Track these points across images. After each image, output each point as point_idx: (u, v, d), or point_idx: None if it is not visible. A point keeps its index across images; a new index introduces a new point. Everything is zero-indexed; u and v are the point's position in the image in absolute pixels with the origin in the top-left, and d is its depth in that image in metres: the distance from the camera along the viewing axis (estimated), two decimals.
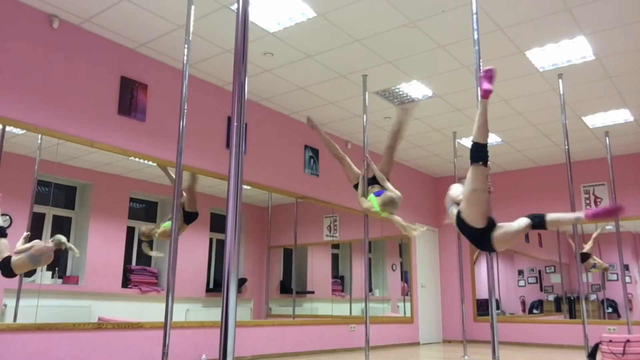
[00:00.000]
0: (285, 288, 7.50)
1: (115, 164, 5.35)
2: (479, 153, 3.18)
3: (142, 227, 5.67)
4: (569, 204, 5.71)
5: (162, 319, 3.62)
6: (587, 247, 8.62)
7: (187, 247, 5.84)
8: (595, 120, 7.08)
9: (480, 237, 3.21)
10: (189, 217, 5.66)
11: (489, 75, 3.21)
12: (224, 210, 1.87)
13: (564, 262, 9.45)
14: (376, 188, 5.09)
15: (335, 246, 8.52)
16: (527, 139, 7.88)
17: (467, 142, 8.10)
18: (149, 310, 5.43)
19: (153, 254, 5.79)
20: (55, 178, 4.99)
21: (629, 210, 8.07)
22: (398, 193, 4.90)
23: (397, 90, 6.30)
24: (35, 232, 4.65)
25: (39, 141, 4.66)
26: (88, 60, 4.98)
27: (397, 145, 5.15)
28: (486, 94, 3.19)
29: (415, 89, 6.27)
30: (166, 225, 5.46)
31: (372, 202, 5.00)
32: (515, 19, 4.77)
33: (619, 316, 8.46)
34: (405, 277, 9.30)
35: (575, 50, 5.29)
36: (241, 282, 6.82)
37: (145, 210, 6.02)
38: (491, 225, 3.18)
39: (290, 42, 5.20)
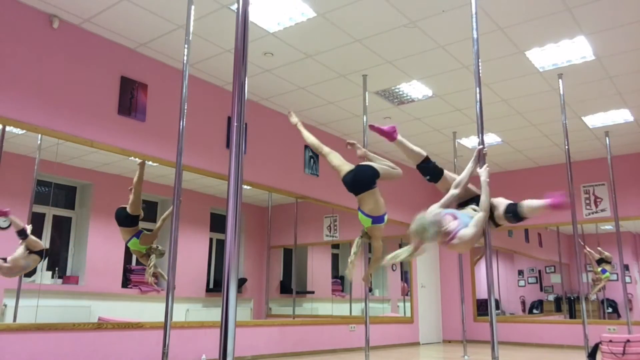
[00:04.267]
0: (285, 288, 7.50)
1: (115, 164, 5.35)
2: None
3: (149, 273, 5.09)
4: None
5: (162, 319, 3.62)
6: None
7: (187, 247, 5.85)
8: (595, 120, 7.08)
9: None
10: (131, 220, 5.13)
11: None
12: (224, 210, 1.87)
13: (564, 262, 9.45)
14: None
15: (335, 246, 8.51)
16: (527, 139, 7.88)
17: (467, 142, 8.11)
18: (149, 310, 5.43)
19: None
20: (55, 178, 4.99)
21: (629, 210, 8.07)
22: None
23: (397, 90, 6.30)
24: (35, 232, 4.64)
25: (39, 141, 4.66)
26: (88, 60, 4.98)
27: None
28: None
29: (415, 89, 6.27)
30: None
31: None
32: (515, 19, 4.77)
33: (619, 316, 8.46)
34: (405, 277, 9.30)
35: (575, 50, 5.29)
36: (241, 282, 6.82)
37: (145, 210, 6.01)
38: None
39: (290, 42, 5.20)
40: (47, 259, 4.85)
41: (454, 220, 3.06)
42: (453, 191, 3.27)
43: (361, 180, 4.24)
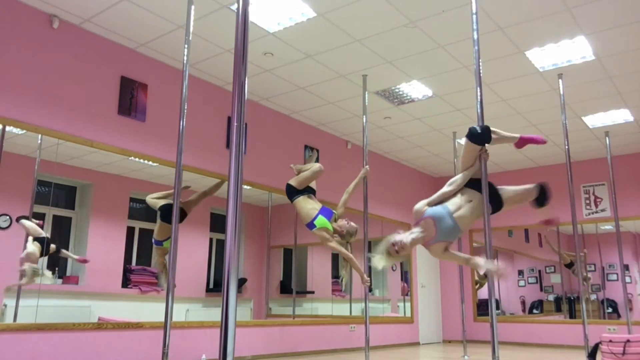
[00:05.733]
0: (285, 288, 7.50)
1: (115, 164, 5.35)
2: None
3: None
4: (569, 204, 5.71)
5: (162, 319, 3.62)
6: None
7: (187, 247, 5.85)
8: (595, 120, 7.08)
9: None
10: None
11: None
12: (224, 210, 1.87)
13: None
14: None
15: None
16: None
17: None
18: (149, 310, 5.43)
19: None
20: (55, 178, 4.99)
21: (629, 210, 8.07)
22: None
23: (397, 90, 6.30)
24: None
25: (39, 141, 4.66)
26: (88, 60, 4.98)
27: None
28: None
29: (415, 89, 6.27)
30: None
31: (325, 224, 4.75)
32: (515, 19, 4.77)
33: (619, 316, 8.46)
34: (405, 277, 9.30)
35: (575, 50, 5.29)
36: (241, 282, 6.82)
37: (145, 210, 6.01)
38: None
39: (290, 42, 5.20)
40: (47, 259, 4.86)
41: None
42: (445, 189, 3.38)
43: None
